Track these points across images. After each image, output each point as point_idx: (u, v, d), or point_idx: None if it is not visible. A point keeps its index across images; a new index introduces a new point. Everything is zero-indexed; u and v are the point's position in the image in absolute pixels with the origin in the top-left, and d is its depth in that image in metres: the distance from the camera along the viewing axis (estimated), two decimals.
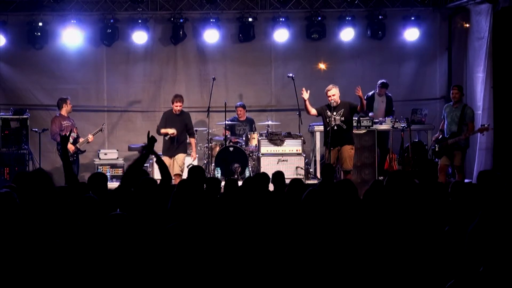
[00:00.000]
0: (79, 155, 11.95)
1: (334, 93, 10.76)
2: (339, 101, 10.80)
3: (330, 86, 10.86)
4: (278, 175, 8.01)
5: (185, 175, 11.45)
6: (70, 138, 11.58)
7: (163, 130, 11.48)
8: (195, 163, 11.85)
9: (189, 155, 11.89)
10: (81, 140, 11.91)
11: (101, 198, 6.30)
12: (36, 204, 5.08)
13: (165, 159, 11.15)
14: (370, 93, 12.73)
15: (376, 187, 5.56)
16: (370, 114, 12.44)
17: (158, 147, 12.36)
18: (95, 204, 5.23)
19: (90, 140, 11.98)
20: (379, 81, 12.74)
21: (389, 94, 12.90)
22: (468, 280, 3.08)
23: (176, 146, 11.55)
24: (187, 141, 11.84)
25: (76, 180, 6.52)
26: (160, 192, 5.98)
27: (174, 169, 11.27)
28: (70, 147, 11.52)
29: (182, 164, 11.55)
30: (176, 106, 11.56)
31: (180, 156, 11.56)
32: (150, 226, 5.17)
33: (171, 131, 11.43)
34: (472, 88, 12.66)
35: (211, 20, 13.10)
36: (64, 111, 11.82)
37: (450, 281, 3.15)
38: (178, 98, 11.63)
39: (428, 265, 4.50)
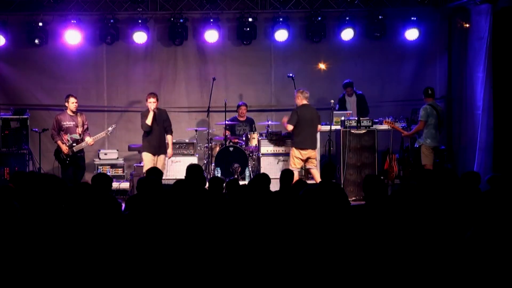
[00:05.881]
0: (78, 158, 11.28)
1: None
2: None
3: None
4: (287, 174, 7.99)
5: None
6: (70, 139, 11.28)
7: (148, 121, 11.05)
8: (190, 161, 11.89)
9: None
10: (83, 142, 11.29)
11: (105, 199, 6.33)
12: (42, 205, 5.11)
13: (147, 155, 11.07)
14: (341, 95, 12.79)
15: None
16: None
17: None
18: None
19: (90, 143, 11.35)
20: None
21: (359, 92, 12.88)
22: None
23: (158, 144, 11.12)
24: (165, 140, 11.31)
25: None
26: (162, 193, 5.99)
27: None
28: (65, 149, 11.17)
29: (164, 166, 11.20)
30: (149, 103, 11.08)
31: (162, 158, 11.16)
32: (153, 225, 5.18)
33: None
34: (472, 88, 12.65)
35: (211, 20, 13.10)
36: (68, 110, 11.37)
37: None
38: (151, 94, 11.23)
39: (427, 265, 4.50)
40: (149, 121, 11.06)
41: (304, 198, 5.35)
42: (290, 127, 11.20)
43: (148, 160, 11.07)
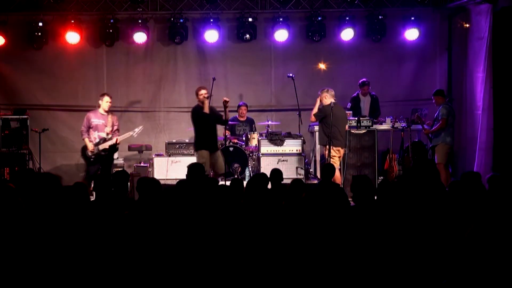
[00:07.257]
0: (103, 156, 11.32)
1: None
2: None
3: None
4: (276, 172, 8.01)
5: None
6: (97, 137, 11.37)
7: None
8: None
9: None
10: (109, 141, 11.31)
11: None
12: (41, 204, 5.10)
13: (205, 152, 10.81)
14: (355, 94, 12.78)
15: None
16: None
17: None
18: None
19: (116, 142, 11.34)
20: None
21: (373, 93, 12.86)
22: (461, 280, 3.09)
23: (215, 140, 11.09)
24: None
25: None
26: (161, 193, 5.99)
27: (219, 167, 10.90)
28: (90, 146, 11.33)
29: (222, 161, 11.04)
30: (201, 95, 10.92)
31: (219, 153, 11.09)
32: (152, 225, 5.18)
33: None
34: (472, 88, 12.65)
35: (211, 20, 13.11)
36: (100, 108, 11.45)
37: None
38: (202, 87, 11.19)
39: (426, 264, 4.50)
40: (206, 109, 10.83)
41: (304, 198, 5.35)
42: (312, 118, 11.27)
43: (207, 158, 10.79)
